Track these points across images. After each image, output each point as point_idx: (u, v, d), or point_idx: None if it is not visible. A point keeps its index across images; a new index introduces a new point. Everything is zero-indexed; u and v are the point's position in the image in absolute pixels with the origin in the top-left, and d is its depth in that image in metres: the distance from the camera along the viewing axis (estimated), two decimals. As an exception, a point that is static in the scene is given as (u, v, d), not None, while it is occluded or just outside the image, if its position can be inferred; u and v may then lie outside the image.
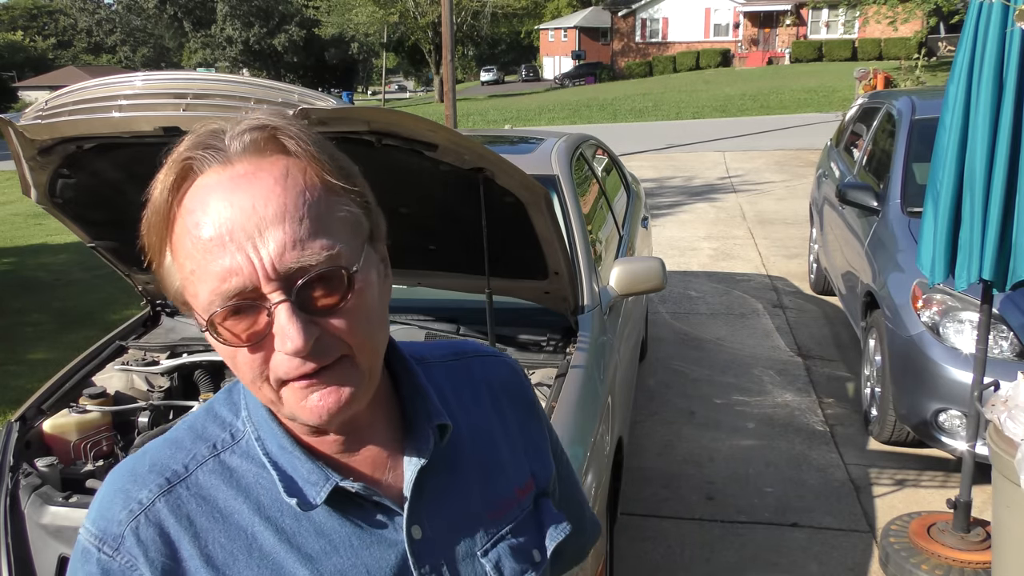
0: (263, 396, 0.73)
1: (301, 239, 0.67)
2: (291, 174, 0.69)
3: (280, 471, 0.76)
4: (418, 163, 2.01)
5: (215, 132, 0.70)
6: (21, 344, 6.07)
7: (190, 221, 0.68)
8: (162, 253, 0.72)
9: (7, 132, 2.05)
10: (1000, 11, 2.49)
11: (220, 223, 0.67)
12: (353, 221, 0.73)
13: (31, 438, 2.33)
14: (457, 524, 0.83)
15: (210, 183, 0.69)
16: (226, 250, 0.67)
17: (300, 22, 53.87)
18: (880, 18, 23.43)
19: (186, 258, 0.69)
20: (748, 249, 7.89)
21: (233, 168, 0.69)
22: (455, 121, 15.56)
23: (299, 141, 0.71)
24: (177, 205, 0.69)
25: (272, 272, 0.67)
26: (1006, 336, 3.38)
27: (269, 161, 0.69)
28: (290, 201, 0.68)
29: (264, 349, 0.70)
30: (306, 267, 0.67)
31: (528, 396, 0.97)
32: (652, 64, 45.97)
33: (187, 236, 0.68)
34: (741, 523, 3.39)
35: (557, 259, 2.38)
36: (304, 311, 0.68)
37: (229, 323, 0.69)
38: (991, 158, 2.58)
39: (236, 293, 0.67)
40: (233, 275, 0.67)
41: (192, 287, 0.70)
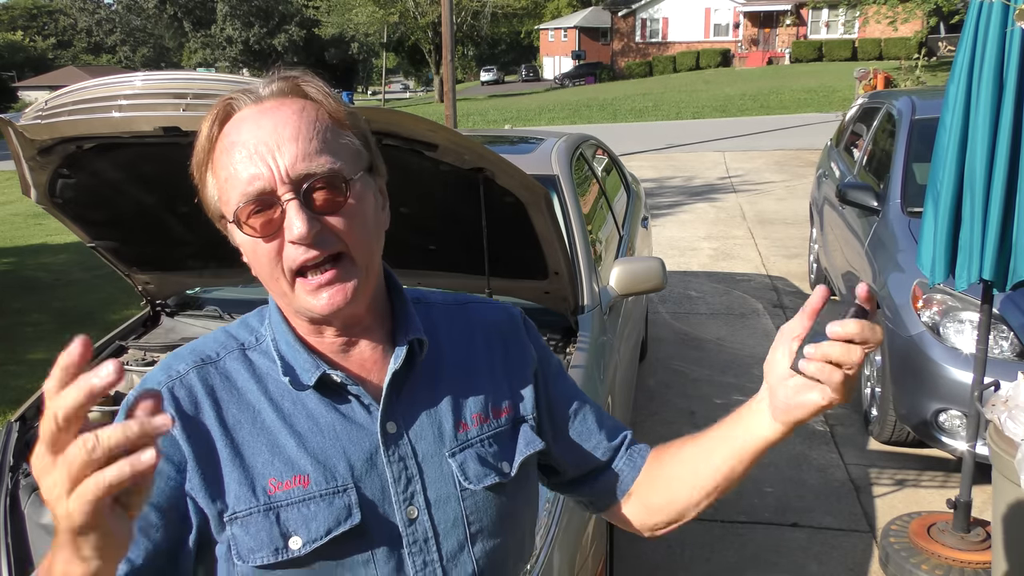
0: (278, 287, 0.90)
1: (310, 153, 0.86)
2: (306, 109, 0.89)
3: (284, 361, 0.95)
4: (418, 163, 2.01)
5: (252, 83, 0.95)
6: (21, 344, 6.06)
7: (227, 142, 0.88)
8: (205, 175, 0.91)
9: (7, 132, 2.05)
10: (1000, 11, 2.49)
11: (249, 140, 0.86)
12: (354, 150, 0.92)
13: (31, 438, 2.33)
14: (428, 427, 0.98)
15: (245, 115, 0.89)
16: (252, 160, 0.86)
17: (300, 22, 53.86)
18: (880, 18, 23.43)
19: (222, 169, 0.88)
20: (748, 249, 7.89)
21: (263, 104, 0.89)
22: (455, 121, 15.56)
23: (316, 88, 0.92)
24: (218, 132, 0.89)
25: (285, 176, 0.85)
26: (1006, 336, 3.38)
27: (291, 100, 0.90)
28: (304, 126, 0.87)
29: (278, 239, 0.87)
30: (312, 173, 0.86)
31: (519, 339, 1.10)
32: (652, 64, 45.97)
33: (224, 152, 0.88)
34: (741, 523, 3.39)
35: (557, 259, 2.38)
36: (309, 208, 0.86)
37: (252, 220, 0.87)
38: (991, 158, 2.57)
39: (258, 193, 0.85)
40: (256, 179, 0.85)
41: (225, 193, 0.88)
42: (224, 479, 0.90)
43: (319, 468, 0.91)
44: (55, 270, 8.32)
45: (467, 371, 1.03)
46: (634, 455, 1.13)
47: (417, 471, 0.96)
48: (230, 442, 0.91)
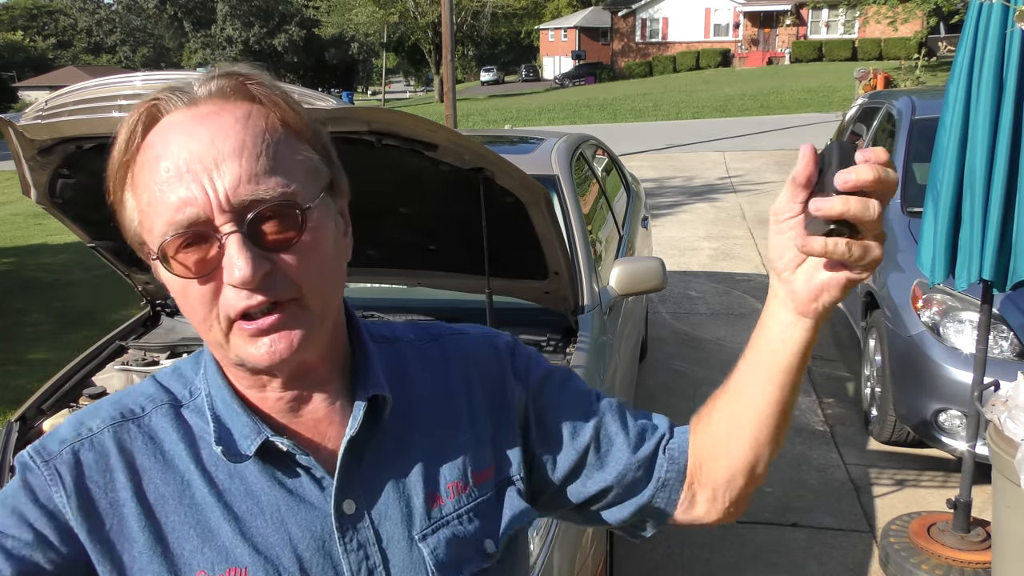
0: (212, 336, 0.73)
1: (256, 174, 0.69)
2: (252, 116, 0.72)
3: (219, 423, 0.77)
4: (418, 163, 2.01)
5: (186, 81, 0.74)
6: (21, 344, 6.07)
7: (151, 155, 0.71)
8: (122, 193, 0.74)
9: (7, 132, 2.05)
10: (1000, 11, 2.49)
11: (179, 155, 0.69)
12: (312, 167, 0.74)
13: (31, 438, 2.33)
14: (394, 504, 0.80)
15: (174, 121, 0.71)
16: (182, 181, 0.68)
17: (300, 22, 53.86)
18: (880, 18, 23.43)
19: (144, 190, 0.71)
20: (748, 249, 7.89)
21: (197, 108, 0.71)
22: (455, 121, 15.56)
23: (265, 88, 0.74)
24: (140, 142, 0.72)
25: (225, 203, 0.68)
26: (1006, 336, 3.38)
27: (233, 104, 0.72)
28: (249, 138, 0.70)
29: (214, 281, 0.70)
30: (259, 200, 0.69)
31: (504, 378, 0.91)
32: (652, 64, 45.97)
33: (147, 168, 0.71)
34: (741, 523, 3.39)
35: (557, 259, 2.38)
36: (255, 244, 0.69)
37: (181, 255, 0.70)
38: (991, 158, 2.58)
39: (190, 223, 0.69)
40: (188, 205, 0.68)
41: (148, 220, 0.71)
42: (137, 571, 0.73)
43: (259, 559, 0.75)
44: (55, 270, 8.33)
45: (443, 425, 0.86)
46: (674, 453, 0.93)
47: (381, 560, 0.79)
48: (151, 522, 0.74)
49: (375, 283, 2.96)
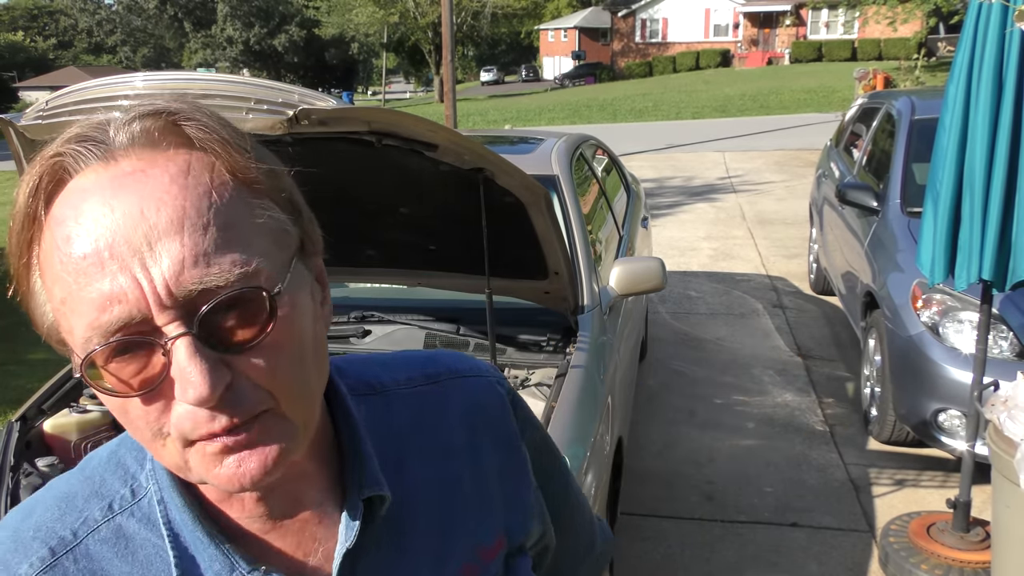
0: (167, 458, 0.57)
1: (206, 252, 0.52)
2: (193, 170, 0.54)
3: (179, 548, 0.62)
4: (418, 163, 2.01)
5: (100, 124, 0.56)
6: (21, 344, 6.07)
7: (59, 234, 0.53)
8: (29, 278, 0.57)
9: (7, 132, 2.05)
10: (1000, 12, 2.50)
11: (97, 235, 0.52)
12: (276, 229, 0.57)
13: (32, 438, 2.34)
14: None
15: (86, 185, 0.54)
16: (105, 270, 0.52)
17: (300, 22, 53.89)
18: (880, 18, 23.45)
19: (55, 282, 0.54)
20: (748, 249, 7.89)
21: (118, 165, 0.54)
22: (455, 121, 15.57)
23: (205, 129, 0.56)
24: (45, 214, 0.55)
25: (167, 297, 0.52)
26: (1006, 336, 3.38)
27: (165, 156, 0.55)
28: (190, 204, 0.53)
29: (163, 397, 0.54)
30: (212, 289, 0.52)
31: (510, 424, 0.79)
32: (652, 64, 45.98)
33: (56, 254, 0.53)
34: (741, 523, 3.39)
35: (557, 259, 2.38)
36: (211, 348, 0.53)
37: (114, 366, 0.53)
38: (991, 158, 2.58)
39: (120, 326, 0.52)
40: (115, 302, 0.52)
41: (65, 320, 0.54)
42: None
43: None
44: (55, 270, 8.32)
45: (448, 499, 0.73)
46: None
47: None
48: None
49: (375, 283, 2.96)
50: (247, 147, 0.58)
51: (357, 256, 2.50)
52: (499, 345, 2.59)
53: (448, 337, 2.69)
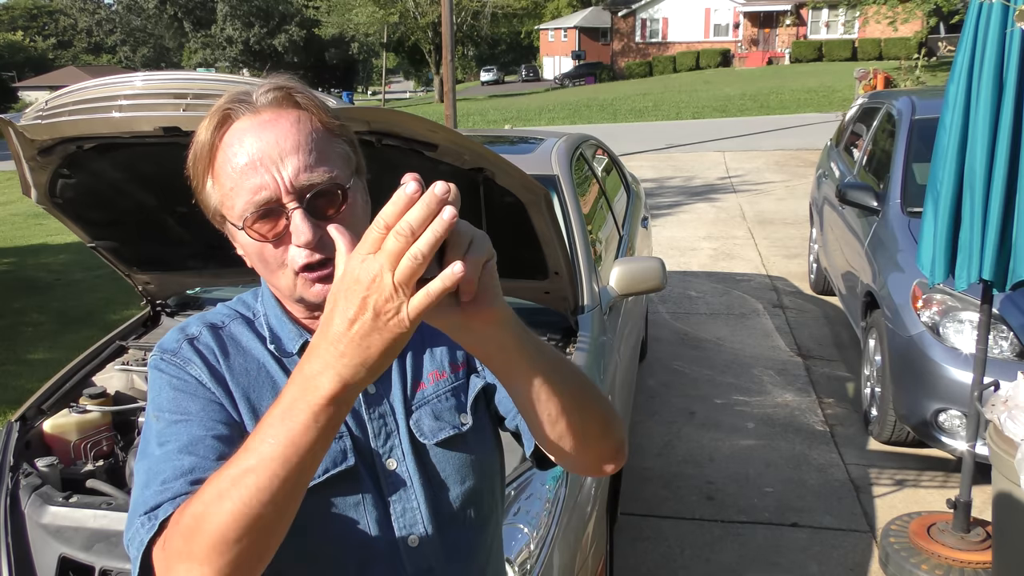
0: (283, 281, 0.97)
1: (310, 165, 0.93)
2: (302, 120, 0.95)
3: (272, 332, 1.05)
4: (418, 163, 2.01)
5: (246, 92, 0.96)
6: (21, 344, 6.07)
7: (230, 152, 0.93)
8: (204, 180, 0.97)
9: (7, 132, 2.05)
10: (1000, 11, 2.49)
11: (253, 153, 0.92)
12: (345, 155, 0.98)
13: (31, 438, 2.33)
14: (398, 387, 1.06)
15: (244, 126, 0.93)
16: (257, 172, 0.92)
17: (300, 22, 53.85)
18: (880, 18, 23.43)
19: (226, 179, 0.94)
20: (748, 249, 7.89)
21: (260, 116, 0.94)
22: (455, 121, 15.56)
23: (306, 97, 0.97)
24: (219, 141, 0.94)
25: (290, 187, 0.92)
26: (1006, 336, 3.38)
27: (286, 112, 0.95)
28: (302, 138, 0.93)
29: (283, 243, 0.94)
30: (314, 183, 0.92)
31: None
32: (652, 64, 45.96)
33: (228, 163, 0.93)
34: (741, 523, 3.39)
35: (557, 259, 2.38)
36: (312, 215, 0.92)
37: (258, 225, 0.93)
38: (991, 158, 2.58)
39: (265, 202, 0.92)
40: (263, 189, 0.92)
41: (230, 201, 0.94)
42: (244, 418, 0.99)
43: None
44: (55, 270, 8.32)
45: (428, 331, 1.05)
46: None
47: (395, 426, 1.05)
48: (242, 389, 1.01)
49: (375, 283, 2.96)
50: (328, 110, 0.98)
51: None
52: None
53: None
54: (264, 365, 1.04)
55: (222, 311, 1.09)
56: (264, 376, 1.04)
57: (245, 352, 1.05)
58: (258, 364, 1.04)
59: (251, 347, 1.05)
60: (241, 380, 1.01)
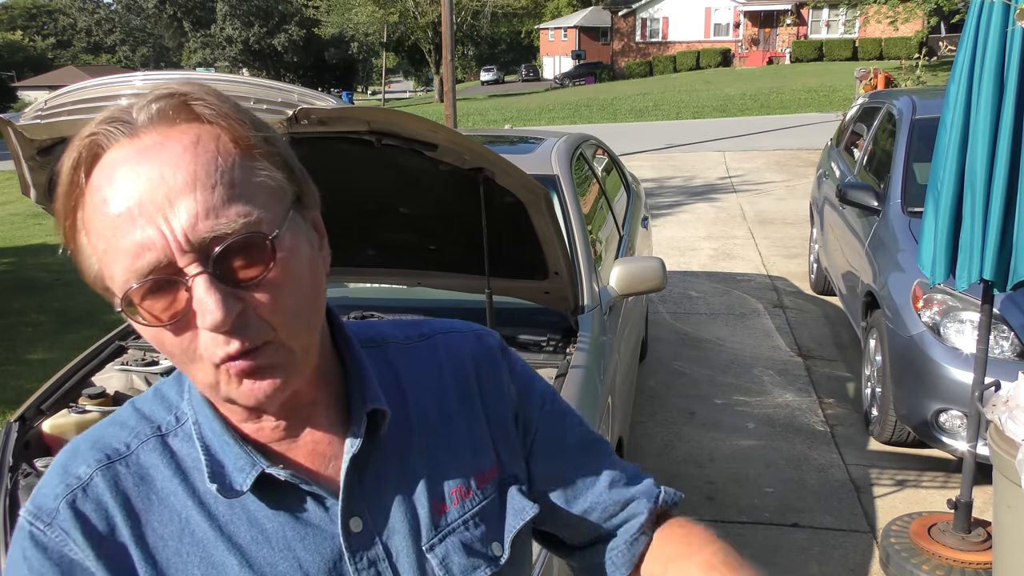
0: (201, 378, 0.70)
1: (215, 207, 0.64)
2: (202, 141, 0.66)
3: (211, 456, 0.74)
4: (418, 163, 2.01)
5: (124, 108, 0.68)
6: (21, 344, 6.06)
7: (98, 198, 0.65)
8: (76, 237, 0.69)
9: (7, 132, 2.05)
10: (1001, 11, 2.49)
11: (128, 196, 0.64)
12: (273, 185, 0.69)
13: (31, 438, 2.33)
14: (401, 516, 0.79)
15: (116, 158, 0.66)
16: (136, 224, 0.64)
17: (300, 22, 53.85)
18: (881, 18, 23.44)
19: (98, 238, 0.66)
20: (748, 249, 7.89)
21: (140, 140, 0.66)
22: (455, 121, 15.56)
23: (211, 106, 0.68)
24: (85, 184, 0.67)
25: (186, 243, 0.63)
26: (1007, 336, 3.37)
27: (179, 130, 0.66)
28: (200, 168, 0.64)
29: (190, 327, 0.66)
30: (222, 235, 0.64)
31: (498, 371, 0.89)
32: (652, 64, 45.97)
33: (97, 214, 0.66)
34: (741, 523, 3.39)
35: (557, 259, 2.37)
36: (224, 283, 0.65)
37: (148, 303, 0.65)
38: (992, 158, 2.57)
39: (151, 269, 0.64)
40: (146, 250, 0.64)
41: (107, 268, 0.67)
42: None
43: None
44: (55, 270, 8.32)
45: (442, 429, 0.84)
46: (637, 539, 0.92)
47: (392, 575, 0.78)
48: (153, 567, 0.72)
49: (375, 283, 2.96)
50: (246, 120, 0.69)
51: (357, 256, 2.50)
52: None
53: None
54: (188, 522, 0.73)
55: (129, 421, 0.78)
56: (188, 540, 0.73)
57: (162, 501, 0.74)
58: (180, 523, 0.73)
59: (169, 491, 0.74)
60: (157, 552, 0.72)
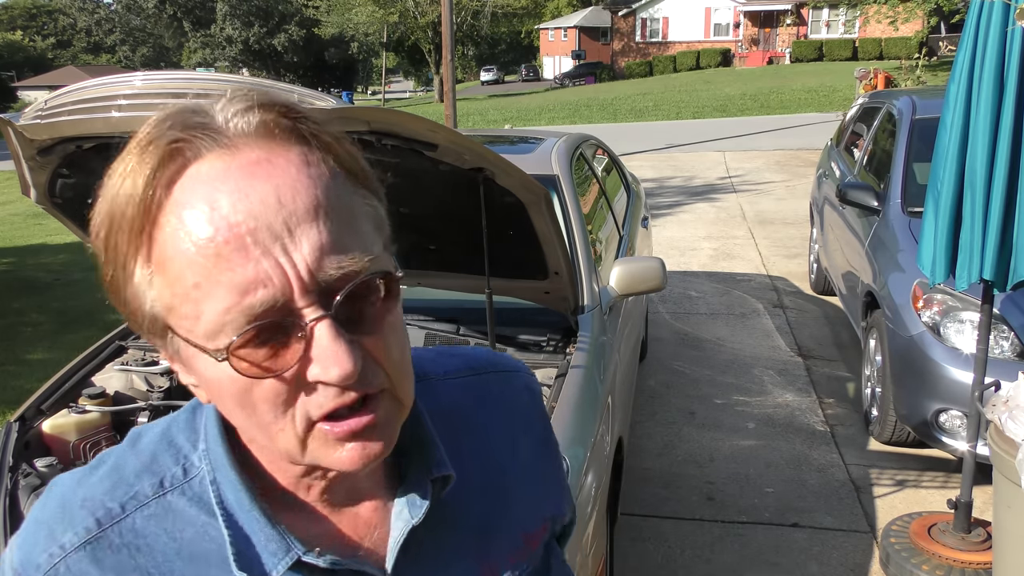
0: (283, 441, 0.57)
1: (340, 240, 0.54)
2: (312, 162, 0.56)
3: (235, 528, 0.61)
4: (418, 163, 2.01)
5: (199, 111, 0.56)
6: (21, 344, 6.06)
7: (189, 219, 0.52)
8: (129, 263, 0.55)
9: (7, 132, 2.05)
10: (1001, 10, 2.49)
11: (237, 221, 0.52)
12: (377, 216, 0.59)
13: (31, 438, 2.33)
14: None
15: (214, 172, 0.53)
16: (248, 254, 0.52)
17: (300, 22, 53.85)
18: (881, 18, 23.45)
19: (186, 268, 0.53)
20: (748, 249, 7.89)
21: (242, 153, 0.54)
22: (455, 121, 15.56)
23: (314, 122, 0.58)
24: (166, 199, 0.53)
25: (309, 281, 0.53)
26: (1007, 336, 3.37)
27: (283, 147, 0.55)
28: (322, 193, 0.54)
29: (291, 377, 0.55)
30: (350, 274, 0.54)
31: (546, 421, 0.82)
32: (652, 64, 45.97)
33: (186, 239, 0.52)
34: (741, 523, 3.39)
35: (557, 259, 2.37)
36: (345, 328, 0.54)
37: (246, 349, 0.53)
38: (992, 158, 2.57)
39: (264, 309, 0.52)
40: (260, 286, 0.52)
41: (191, 306, 0.53)
42: None
43: None
44: (55, 270, 8.32)
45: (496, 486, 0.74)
46: None
47: None
48: None
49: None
50: (348, 143, 0.60)
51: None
52: (499, 345, 2.59)
53: (448, 337, 2.68)
54: None
55: (127, 468, 0.64)
56: None
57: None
58: None
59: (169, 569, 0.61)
60: None
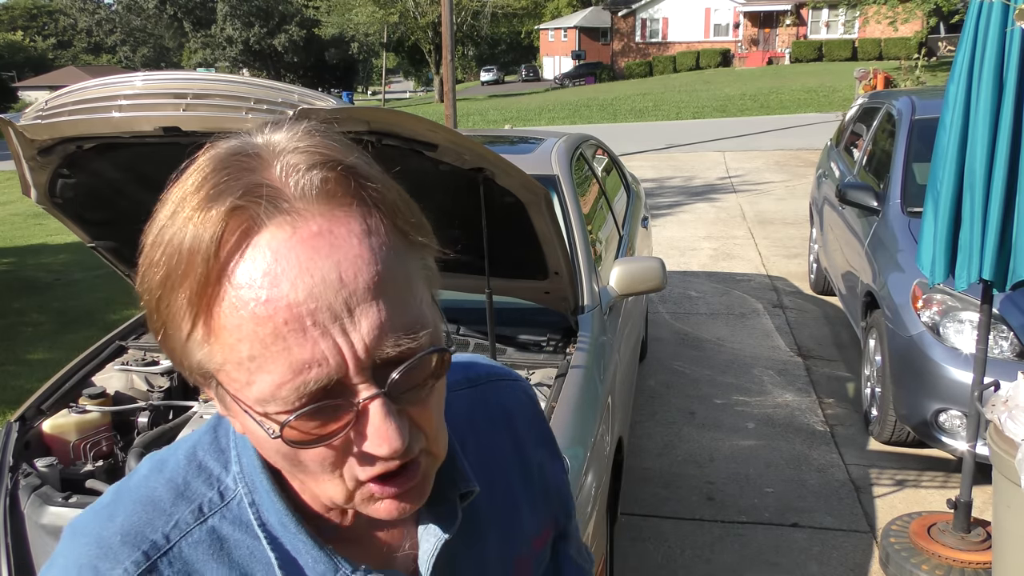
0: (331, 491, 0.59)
1: (399, 316, 0.54)
2: (373, 229, 0.54)
3: (280, 551, 0.62)
4: (418, 163, 2.01)
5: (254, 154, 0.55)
6: (21, 344, 6.06)
7: (250, 295, 0.52)
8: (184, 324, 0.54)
9: (7, 132, 2.05)
10: (1000, 11, 2.49)
11: (298, 300, 0.51)
12: (429, 275, 0.59)
13: (31, 438, 2.33)
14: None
15: (276, 244, 0.52)
16: (307, 335, 0.52)
17: (300, 22, 53.86)
18: (880, 18, 23.46)
19: (242, 340, 0.52)
20: (748, 249, 7.89)
21: (304, 223, 0.52)
22: (455, 121, 15.56)
23: (375, 182, 0.56)
24: (232, 271, 0.52)
25: (365, 359, 0.53)
26: (1006, 336, 3.38)
27: (344, 212, 0.54)
28: (382, 267, 0.53)
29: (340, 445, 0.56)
30: (406, 353, 0.54)
31: (546, 426, 0.85)
32: (652, 64, 45.97)
33: (247, 314, 0.52)
34: (741, 523, 3.39)
35: (557, 259, 2.38)
36: (395, 402, 0.55)
37: (300, 422, 0.54)
38: (991, 158, 2.57)
39: (317, 388, 0.53)
40: (315, 365, 0.52)
41: (243, 375, 0.54)
42: None
43: None
44: (55, 270, 8.32)
45: (505, 494, 0.77)
46: None
47: None
48: None
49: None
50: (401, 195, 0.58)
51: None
52: (499, 345, 2.59)
53: (448, 337, 2.68)
54: None
55: (163, 500, 0.63)
56: None
57: None
58: None
59: None
60: None
